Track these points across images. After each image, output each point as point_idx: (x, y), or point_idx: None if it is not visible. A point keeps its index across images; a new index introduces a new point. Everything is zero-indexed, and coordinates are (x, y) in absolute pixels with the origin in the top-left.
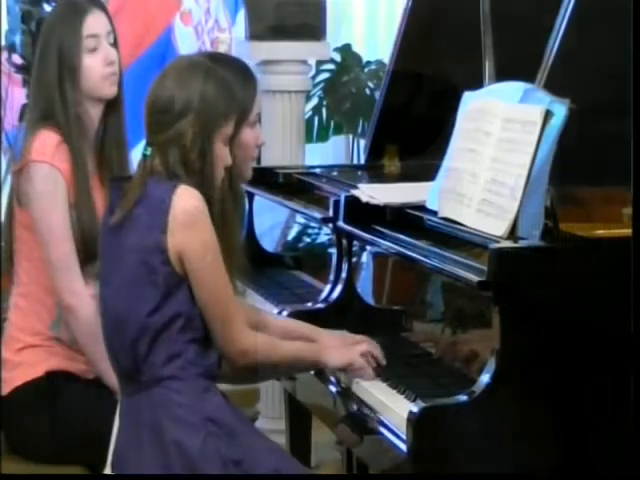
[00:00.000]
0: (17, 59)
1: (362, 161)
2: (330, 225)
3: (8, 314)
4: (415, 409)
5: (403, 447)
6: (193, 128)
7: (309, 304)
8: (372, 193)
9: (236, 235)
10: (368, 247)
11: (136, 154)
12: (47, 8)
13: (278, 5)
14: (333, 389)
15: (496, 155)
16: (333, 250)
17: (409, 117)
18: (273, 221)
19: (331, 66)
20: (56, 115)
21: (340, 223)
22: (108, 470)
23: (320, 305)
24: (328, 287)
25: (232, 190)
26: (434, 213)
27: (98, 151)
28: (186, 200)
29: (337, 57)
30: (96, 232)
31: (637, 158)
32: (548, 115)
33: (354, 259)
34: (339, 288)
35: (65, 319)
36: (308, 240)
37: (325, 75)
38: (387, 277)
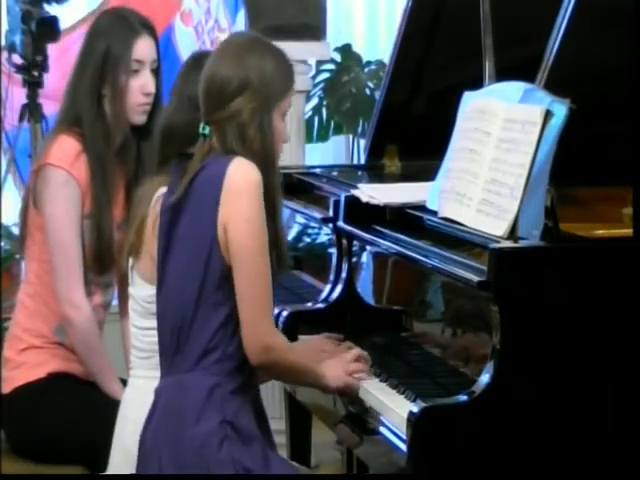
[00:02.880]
0: (17, 59)
1: (362, 161)
2: (330, 225)
3: (14, 312)
4: (415, 409)
5: (403, 447)
6: (251, 104)
7: (309, 304)
8: (372, 193)
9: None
10: (368, 247)
11: None
12: (47, 8)
13: (278, 5)
14: None
15: (496, 155)
16: (333, 250)
17: (409, 117)
18: None
19: (331, 66)
20: (83, 123)
21: (340, 223)
22: (109, 470)
23: (320, 305)
24: (328, 287)
25: None
26: (434, 213)
27: (126, 169)
28: (241, 169)
29: (337, 57)
30: (111, 244)
31: (637, 158)
32: (548, 115)
33: (354, 259)
34: (339, 288)
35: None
36: (308, 240)
37: (325, 75)
38: (387, 277)
